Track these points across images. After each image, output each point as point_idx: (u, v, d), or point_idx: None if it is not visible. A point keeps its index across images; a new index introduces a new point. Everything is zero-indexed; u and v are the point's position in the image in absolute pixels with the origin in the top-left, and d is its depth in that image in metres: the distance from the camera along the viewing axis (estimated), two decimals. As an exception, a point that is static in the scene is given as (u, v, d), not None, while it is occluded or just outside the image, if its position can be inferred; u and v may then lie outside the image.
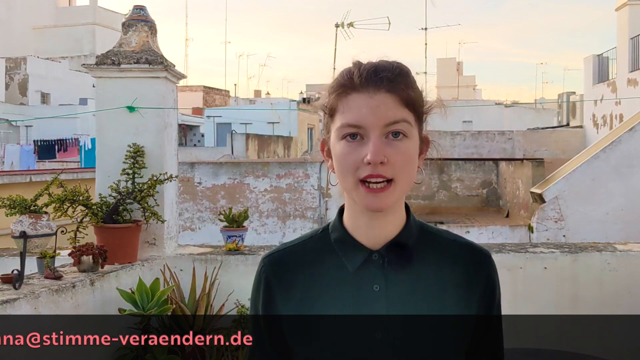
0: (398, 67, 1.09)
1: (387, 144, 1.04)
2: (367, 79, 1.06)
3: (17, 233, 3.05)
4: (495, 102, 33.05)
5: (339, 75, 1.10)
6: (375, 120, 1.04)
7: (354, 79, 1.07)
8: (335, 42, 9.69)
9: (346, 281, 1.09)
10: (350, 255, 1.11)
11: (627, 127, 9.49)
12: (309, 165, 11.04)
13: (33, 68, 26.86)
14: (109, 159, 3.89)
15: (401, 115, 1.05)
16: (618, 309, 3.76)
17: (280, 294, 1.12)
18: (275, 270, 1.15)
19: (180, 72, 4.18)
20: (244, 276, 3.83)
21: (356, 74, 1.07)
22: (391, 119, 1.05)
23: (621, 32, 16.10)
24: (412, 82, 1.10)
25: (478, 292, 1.11)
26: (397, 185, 1.05)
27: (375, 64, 1.08)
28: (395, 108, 1.05)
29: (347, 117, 1.06)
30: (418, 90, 1.11)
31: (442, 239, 1.15)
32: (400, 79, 1.07)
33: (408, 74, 1.10)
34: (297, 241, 1.18)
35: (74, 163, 17.82)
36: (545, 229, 9.07)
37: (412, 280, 1.09)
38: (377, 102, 1.05)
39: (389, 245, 1.10)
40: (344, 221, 1.14)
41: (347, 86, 1.07)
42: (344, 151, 1.06)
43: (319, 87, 1.19)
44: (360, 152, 1.04)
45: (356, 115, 1.05)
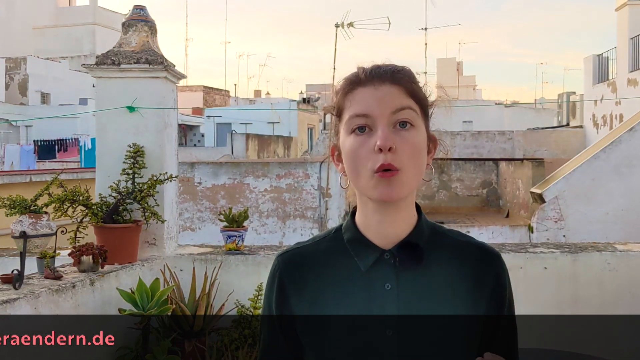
0: (401, 65, 1.14)
1: (395, 133, 1.07)
2: (371, 74, 1.11)
3: (17, 233, 3.05)
4: (495, 102, 33.04)
5: (344, 78, 1.15)
6: (381, 109, 1.07)
7: (359, 75, 1.12)
8: (335, 42, 9.76)
9: (358, 280, 1.11)
10: (363, 255, 1.13)
11: (627, 127, 9.49)
12: (309, 165, 11.04)
13: (33, 68, 26.86)
14: (109, 159, 3.89)
15: (407, 103, 1.09)
16: (618, 309, 3.76)
17: (294, 292, 1.14)
18: (289, 268, 1.16)
19: (180, 72, 4.18)
20: (244, 276, 3.84)
21: (361, 72, 1.12)
22: (397, 106, 1.08)
23: (621, 32, 16.10)
24: (415, 79, 1.14)
25: (487, 292, 1.13)
26: (407, 174, 1.07)
27: (379, 65, 1.13)
28: (400, 97, 1.09)
29: (355, 109, 1.09)
30: (421, 87, 1.14)
31: (452, 240, 1.17)
32: (403, 74, 1.12)
33: (411, 72, 1.14)
34: (310, 241, 1.21)
35: (74, 163, 17.82)
36: (545, 229, 9.07)
37: (422, 280, 1.11)
38: (383, 92, 1.09)
39: (401, 245, 1.12)
40: (356, 221, 1.16)
41: (353, 82, 1.12)
42: (353, 145, 1.08)
43: (319, 87, 1.21)
44: (369, 143, 1.06)
45: (363, 106, 1.08)
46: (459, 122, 23.38)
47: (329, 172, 10.54)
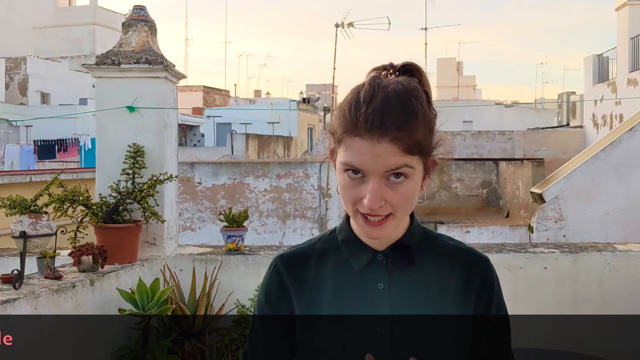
0: (407, 106, 1.04)
1: (387, 184, 1.05)
2: (372, 125, 1.02)
3: (17, 233, 3.05)
4: (495, 102, 33.06)
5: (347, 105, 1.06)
6: (375, 167, 1.03)
7: (359, 122, 1.03)
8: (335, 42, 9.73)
9: (352, 280, 1.15)
10: (356, 255, 1.16)
11: (627, 127, 9.49)
12: (309, 165, 11.04)
13: (33, 68, 26.87)
14: (109, 159, 3.89)
15: (403, 162, 1.04)
16: (618, 309, 3.76)
17: (292, 291, 1.17)
18: (288, 268, 1.19)
19: (180, 72, 4.18)
20: (244, 276, 3.84)
21: (362, 118, 1.03)
22: (392, 166, 1.03)
23: (621, 32, 16.11)
24: (421, 122, 1.05)
25: (474, 293, 1.16)
26: (397, 217, 1.08)
27: (384, 104, 1.03)
28: (397, 156, 1.03)
29: (349, 158, 1.05)
30: (427, 126, 1.07)
31: (443, 243, 1.20)
32: (407, 126, 1.03)
33: (417, 114, 1.04)
34: (307, 243, 1.24)
35: (74, 163, 17.83)
36: (545, 229, 9.07)
37: (414, 280, 1.14)
38: (380, 150, 1.02)
39: (394, 246, 1.15)
40: (351, 223, 1.18)
41: (351, 129, 1.04)
42: (345, 184, 1.08)
43: (319, 87, 1.20)
44: (360, 190, 1.05)
45: (357, 159, 1.04)
46: (459, 122, 23.39)
47: (329, 172, 10.54)
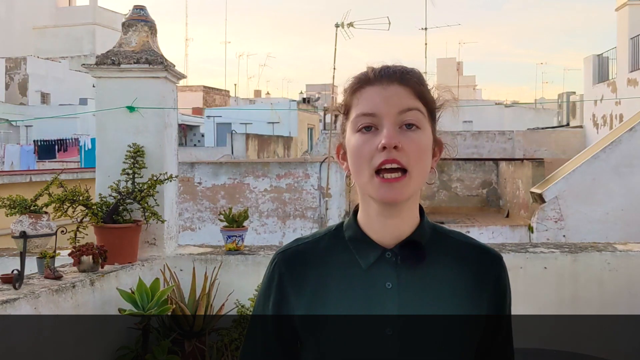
0: (410, 67, 1.14)
1: (400, 133, 1.07)
2: (380, 73, 1.11)
3: (17, 233, 3.05)
4: (495, 102, 33.09)
5: (353, 77, 1.15)
6: (388, 108, 1.08)
7: (368, 74, 1.12)
8: (335, 42, 9.73)
9: (359, 278, 1.11)
10: (364, 253, 1.12)
11: (627, 127, 9.50)
12: (309, 165, 11.04)
13: (33, 68, 26.87)
14: (109, 159, 3.89)
15: (414, 104, 1.09)
16: (618, 309, 3.76)
17: (294, 290, 1.14)
18: (289, 266, 1.16)
19: (180, 72, 4.18)
20: (244, 276, 3.83)
21: (370, 71, 1.12)
22: (404, 106, 1.08)
23: (621, 32, 16.11)
24: (424, 81, 1.14)
25: (487, 293, 1.13)
26: (412, 176, 1.07)
27: (388, 64, 1.14)
28: (407, 98, 1.09)
29: (362, 107, 1.10)
30: (429, 90, 1.15)
31: (454, 240, 1.17)
32: (412, 75, 1.12)
33: (420, 74, 1.14)
34: (310, 238, 1.20)
35: (74, 163, 17.82)
36: (545, 229, 9.07)
37: (424, 279, 1.11)
38: (390, 92, 1.09)
39: (403, 244, 1.12)
40: (358, 220, 1.15)
41: (362, 80, 1.12)
42: (358, 142, 1.08)
43: (319, 87, 1.21)
44: (374, 142, 1.07)
45: (370, 104, 1.09)
46: (459, 122, 23.39)
47: (329, 172, 10.53)
